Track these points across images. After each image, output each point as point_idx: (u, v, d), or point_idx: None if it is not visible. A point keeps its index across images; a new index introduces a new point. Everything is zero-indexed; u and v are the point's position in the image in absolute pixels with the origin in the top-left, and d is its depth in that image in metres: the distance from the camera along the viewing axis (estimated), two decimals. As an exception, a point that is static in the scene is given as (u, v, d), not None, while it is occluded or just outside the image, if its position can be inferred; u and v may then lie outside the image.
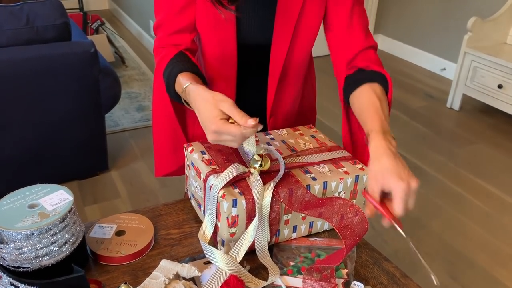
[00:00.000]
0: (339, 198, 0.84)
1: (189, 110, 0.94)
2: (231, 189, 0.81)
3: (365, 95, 0.95)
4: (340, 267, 0.83)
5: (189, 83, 0.89)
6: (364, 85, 0.97)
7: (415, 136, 3.09)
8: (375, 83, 0.96)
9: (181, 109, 1.08)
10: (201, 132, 0.87)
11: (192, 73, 0.95)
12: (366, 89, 0.96)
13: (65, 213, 0.74)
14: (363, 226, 0.79)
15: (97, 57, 2.10)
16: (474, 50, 3.16)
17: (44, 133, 2.15)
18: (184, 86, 0.90)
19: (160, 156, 1.14)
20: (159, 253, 0.87)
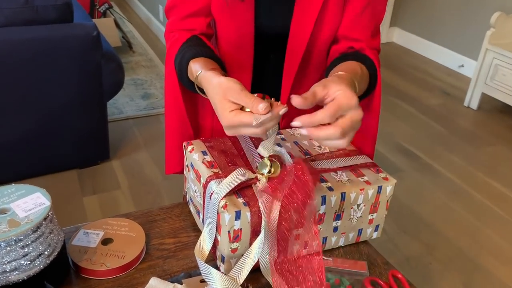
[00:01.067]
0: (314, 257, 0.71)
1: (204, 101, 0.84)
2: (235, 198, 0.70)
3: (350, 63, 0.85)
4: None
5: (201, 70, 0.78)
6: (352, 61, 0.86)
7: (430, 135, 2.95)
8: (364, 66, 0.86)
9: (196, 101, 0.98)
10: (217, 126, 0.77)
11: (206, 57, 0.84)
12: (352, 62, 0.85)
13: (40, 221, 0.63)
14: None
15: (99, 41, 1.98)
16: (497, 47, 3.01)
17: (42, 119, 2.05)
18: (196, 74, 0.80)
19: (170, 153, 1.03)
20: (150, 267, 0.76)
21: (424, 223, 2.19)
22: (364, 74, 0.84)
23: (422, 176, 2.53)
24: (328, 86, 0.64)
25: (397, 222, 2.17)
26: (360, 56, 0.88)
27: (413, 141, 2.86)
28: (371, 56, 0.89)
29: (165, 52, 0.96)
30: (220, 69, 0.83)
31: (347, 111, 0.63)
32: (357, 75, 0.78)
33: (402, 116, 3.16)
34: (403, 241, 2.07)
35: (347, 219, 0.78)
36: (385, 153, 2.70)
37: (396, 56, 4.24)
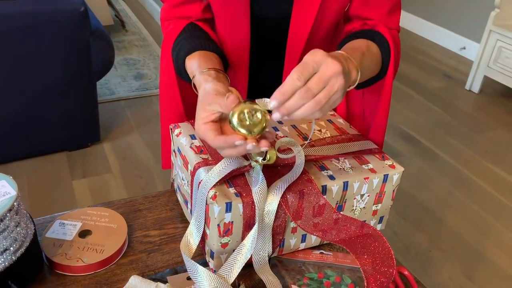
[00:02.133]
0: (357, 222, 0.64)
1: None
2: (225, 187, 0.62)
3: (356, 42, 0.77)
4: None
5: (195, 74, 0.73)
6: (362, 39, 0.78)
7: (431, 119, 2.88)
8: (374, 44, 0.78)
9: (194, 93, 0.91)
10: None
11: (203, 50, 0.77)
12: (361, 40, 0.77)
13: (3, 213, 0.55)
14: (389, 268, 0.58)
15: (87, 17, 1.88)
16: (501, 29, 2.92)
17: (29, 99, 1.96)
18: (191, 76, 0.74)
19: (167, 147, 0.95)
20: (131, 262, 0.69)
21: (424, 209, 2.13)
22: (371, 52, 0.75)
23: (423, 162, 2.47)
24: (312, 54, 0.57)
25: (396, 208, 2.11)
26: (370, 33, 0.79)
27: (414, 126, 2.78)
28: (384, 33, 0.79)
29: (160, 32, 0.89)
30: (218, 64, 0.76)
31: (316, 68, 0.55)
32: (357, 52, 0.70)
33: (403, 99, 3.08)
34: (402, 228, 2.01)
35: (349, 210, 0.71)
36: (386, 138, 2.62)
37: (396, 38, 4.13)
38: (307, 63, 0.55)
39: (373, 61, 0.75)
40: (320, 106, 0.55)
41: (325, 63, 0.55)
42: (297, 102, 0.54)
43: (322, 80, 0.55)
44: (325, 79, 0.55)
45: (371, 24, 0.82)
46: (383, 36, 0.78)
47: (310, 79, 0.55)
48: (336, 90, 0.56)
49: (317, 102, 0.55)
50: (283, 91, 0.54)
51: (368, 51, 0.74)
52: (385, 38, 0.78)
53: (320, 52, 0.56)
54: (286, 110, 0.55)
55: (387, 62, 0.78)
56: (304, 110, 0.55)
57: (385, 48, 0.78)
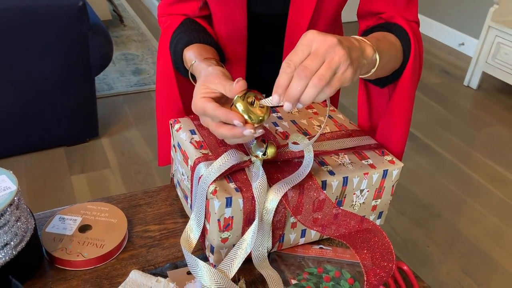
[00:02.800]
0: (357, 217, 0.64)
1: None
2: (226, 183, 0.62)
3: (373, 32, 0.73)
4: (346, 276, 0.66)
5: (195, 60, 0.72)
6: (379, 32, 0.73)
7: (429, 115, 2.88)
8: (392, 34, 0.72)
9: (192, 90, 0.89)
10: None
11: (201, 43, 0.77)
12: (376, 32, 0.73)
13: (3, 208, 0.56)
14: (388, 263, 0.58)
15: (86, 12, 1.88)
16: (500, 25, 2.91)
17: (27, 94, 1.96)
18: (190, 64, 0.74)
19: (163, 143, 0.94)
20: (132, 256, 0.69)
21: (422, 205, 2.14)
22: (388, 39, 0.69)
23: (421, 157, 2.47)
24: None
25: (394, 204, 2.11)
26: (386, 25, 0.74)
27: (412, 121, 2.77)
28: (402, 24, 0.72)
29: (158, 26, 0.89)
30: (216, 56, 0.76)
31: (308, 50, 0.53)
32: (371, 38, 0.64)
33: (401, 95, 3.08)
34: (400, 223, 2.02)
35: (348, 206, 0.72)
36: (383, 133, 2.63)
37: (395, 34, 4.12)
38: (296, 48, 0.53)
39: (391, 49, 0.68)
40: (325, 81, 0.51)
41: (316, 40, 0.53)
42: (298, 84, 0.52)
43: (317, 55, 0.52)
44: (321, 53, 0.52)
45: (385, 17, 0.77)
46: (400, 26, 0.72)
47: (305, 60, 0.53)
48: (338, 62, 0.52)
49: (320, 78, 0.51)
50: (279, 83, 0.53)
51: (384, 39, 0.69)
52: (403, 28, 0.72)
53: (311, 32, 0.53)
54: (290, 97, 0.52)
55: (408, 53, 0.71)
56: (311, 90, 0.52)
57: (404, 38, 0.71)
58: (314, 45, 0.53)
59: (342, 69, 0.53)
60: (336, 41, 0.52)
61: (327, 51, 0.52)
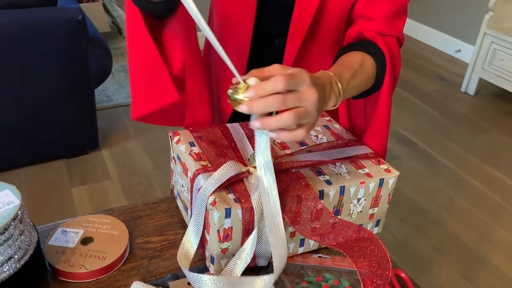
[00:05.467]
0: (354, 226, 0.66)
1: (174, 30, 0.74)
2: (225, 194, 0.64)
3: (350, 56, 0.78)
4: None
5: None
6: (358, 52, 0.78)
7: (427, 122, 2.90)
8: (370, 56, 0.78)
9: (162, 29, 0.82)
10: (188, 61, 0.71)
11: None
12: (356, 53, 0.78)
13: (7, 222, 0.57)
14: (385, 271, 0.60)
15: (85, 25, 1.90)
16: (495, 31, 2.95)
17: (27, 107, 1.98)
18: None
19: (136, 92, 0.85)
20: (133, 268, 0.70)
21: (421, 211, 2.15)
22: (365, 68, 0.75)
23: (420, 164, 2.49)
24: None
25: (394, 210, 2.12)
26: (367, 45, 0.79)
27: (410, 128, 2.81)
28: (381, 46, 0.78)
29: None
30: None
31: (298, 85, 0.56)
32: (349, 71, 0.70)
33: (399, 102, 3.11)
34: (400, 230, 2.03)
35: (346, 214, 0.73)
36: (381, 140, 2.65)
37: (392, 41, 4.16)
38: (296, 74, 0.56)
39: (364, 77, 0.75)
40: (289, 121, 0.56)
41: (306, 85, 0.56)
42: (269, 104, 0.55)
43: (299, 99, 0.56)
44: (301, 99, 0.56)
45: (369, 35, 0.81)
46: (380, 49, 0.78)
47: (289, 92, 0.56)
48: (307, 113, 0.57)
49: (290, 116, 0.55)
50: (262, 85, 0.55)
51: (361, 68, 0.74)
52: (381, 51, 0.78)
53: (306, 73, 0.57)
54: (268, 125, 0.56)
55: (382, 76, 0.78)
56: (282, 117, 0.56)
57: (381, 61, 0.78)
58: (303, 87, 0.56)
59: (306, 120, 0.57)
60: (317, 98, 0.57)
61: (307, 100, 0.56)
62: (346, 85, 0.68)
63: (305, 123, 0.58)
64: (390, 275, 0.57)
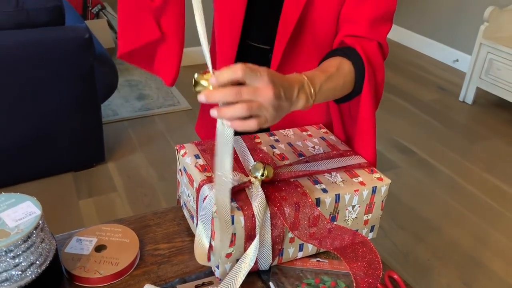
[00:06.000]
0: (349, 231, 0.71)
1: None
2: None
3: (330, 60, 0.82)
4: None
5: None
6: (337, 57, 0.82)
7: (426, 131, 2.95)
8: (348, 61, 0.82)
9: None
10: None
11: None
12: (337, 58, 0.82)
13: (30, 230, 0.62)
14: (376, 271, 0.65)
15: (92, 43, 1.97)
16: (491, 41, 3.01)
17: (36, 123, 2.04)
18: None
19: (121, 29, 0.91)
20: (144, 273, 0.75)
21: (421, 219, 2.19)
22: (341, 71, 0.79)
23: (419, 172, 2.53)
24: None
25: (394, 218, 2.17)
26: (347, 50, 0.83)
27: (409, 137, 2.86)
28: (360, 52, 0.82)
29: None
30: None
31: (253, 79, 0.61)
32: (324, 74, 0.75)
33: (398, 112, 3.16)
34: (400, 237, 2.07)
35: (342, 221, 0.78)
36: (382, 150, 2.70)
37: (391, 52, 4.21)
38: (256, 68, 0.61)
39: (340, 81, 0.79)
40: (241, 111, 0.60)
41: (263, 82, 0.61)
42: (225, 94, 0.60)
43: (254, 93, 0.61)
44: (257, 94, 0.61)
45: (349, 41, 0.84)
46: (358, 54, 0.81)
47: (246, 85, 0.61)
48: (261, 107, 0.62)
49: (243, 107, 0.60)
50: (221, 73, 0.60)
51: (338, 72, 0.78)
52: (360, 56, 0.81)
53: (267, 71, 0.62)
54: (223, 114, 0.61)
55: (362, 80, 0.81)
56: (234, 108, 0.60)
57: (360, 66, 0.81)
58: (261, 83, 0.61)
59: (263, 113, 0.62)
60: (271, 97, 0.62)
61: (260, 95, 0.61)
62: (319, 88, 0.72)
63: (260, 116, 0.62)
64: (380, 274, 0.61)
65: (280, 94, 0.63)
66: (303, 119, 0.98)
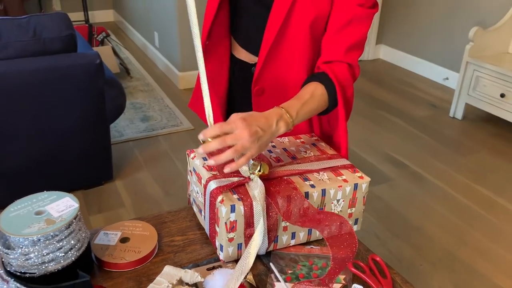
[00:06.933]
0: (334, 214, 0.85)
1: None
2: (230, 194, 0.83)
3: (307, 87, 1.00)
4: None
5: None
6: (313, 82, 1.01)
7: (418, 145, 3.09)
8: (321, 85, 1.00)
9: None
10: None
11: None
12: (311, 84, 1.00)
13: (71, 219, 0.76)
14: (351, 247, 0.80)
15: (102, 68, 2.13)
16: (476, 60, 3.18)
17: (50, 143, 2.18)
18: None
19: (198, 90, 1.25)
20: (162, 260, 0.88)
21: (415, 227, 2.31)
22: (315, 96, 0.98)
23: (411, 184, 2.67)
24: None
25: (389, 227, 2.29)
26: (320, 76, 1.01)
27: (402, 151, 3.00)
28: (331, 75, 1.00)
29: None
30: None
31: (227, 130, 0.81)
32: (299, 102, 0.94)
33: (391, 128, 3.31)
34: (395, 245, 2.19)
35: (329, 213, 0.91)
36: (376, 164, 2.84)
37: (384, 72, 4.41)
38: (229, 123, 0.81)
39: (315, 104, 0.98)
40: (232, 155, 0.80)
41: (239, 128, 0.80)
42: (215, 144, 0.80)
43: (235, 138, 0.80)
44: (236, 139, 0.80)
45: (322, 68, 1.03)
46: (329, 77, 1.00)
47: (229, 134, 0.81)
48: (244, 147, 0.80)
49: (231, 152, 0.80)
50: (205, 131, 0.81)
51: (312, 97, 0.97)
52: (330, 79, 1.00)
53: (241, 121, 0.81)
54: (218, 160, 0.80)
55: (335, 98, 1.00)
56: (224, 154, 0.80)
57: (331, 87, 1.00)
58: (238, 131, 0.81)
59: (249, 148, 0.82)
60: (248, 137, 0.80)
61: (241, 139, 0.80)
62: (296, 114, 0.92)
63: (246, 153, 0.81)
64: (356, 246, 0.76)
65: (256, 130, 0.82)
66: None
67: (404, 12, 4.37)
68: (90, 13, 5.62)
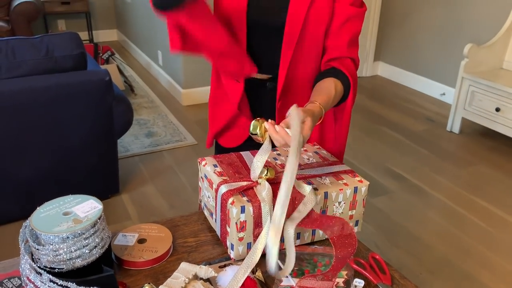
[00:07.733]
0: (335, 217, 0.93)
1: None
2: (240, 197, 0.90)
3: (327, 82, 1.10)
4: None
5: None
6: (330, 78, 1.11)
7: (416, 159, 3.17)
8: (339, 81, 1.10)
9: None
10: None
11: None
12: (330, 80, 1.10)
13: (96, 219, 0.83)
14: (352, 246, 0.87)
15: (111, 85, 2.22)
16: (471, 75, 3.28)
17: (60, 157, 2.26)
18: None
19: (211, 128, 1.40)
20: (177, 259, 0.95)
21: (414, 237, 2.37)
22: (338, 91, 1.08)
23: (411, 196, 2.73)
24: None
25: (389, 237, 2.35)
26: (335, 72, 1.12)
27: (401, 165, 3.07)
28: (345, 71, 1.11)
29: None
30: None
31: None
32: (328, 99, 1.04)
33: (390, 142, 3.39)
34: (395, 254, 2.25)
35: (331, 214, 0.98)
36: (376, 177, 2.91)
37: (382, 88, 4.52)
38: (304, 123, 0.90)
39: (338, 98, 1.10)
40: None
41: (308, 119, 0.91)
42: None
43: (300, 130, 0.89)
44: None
45: (335, 64, 1.14)
46: (345, 74, 1.11)
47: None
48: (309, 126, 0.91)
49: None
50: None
51: (336, 93, 1.08)
52: (346, 76, 1.11)
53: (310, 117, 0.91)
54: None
55: (348, 92, 1.12)
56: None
57: (347, 83, 1.12)
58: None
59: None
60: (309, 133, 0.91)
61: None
62: (325, 108, 1.02)
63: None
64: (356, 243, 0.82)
65: (313, 119, 0.93)
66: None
67: (401, 30, 4.49)
68: (95, 33, 5.76)
